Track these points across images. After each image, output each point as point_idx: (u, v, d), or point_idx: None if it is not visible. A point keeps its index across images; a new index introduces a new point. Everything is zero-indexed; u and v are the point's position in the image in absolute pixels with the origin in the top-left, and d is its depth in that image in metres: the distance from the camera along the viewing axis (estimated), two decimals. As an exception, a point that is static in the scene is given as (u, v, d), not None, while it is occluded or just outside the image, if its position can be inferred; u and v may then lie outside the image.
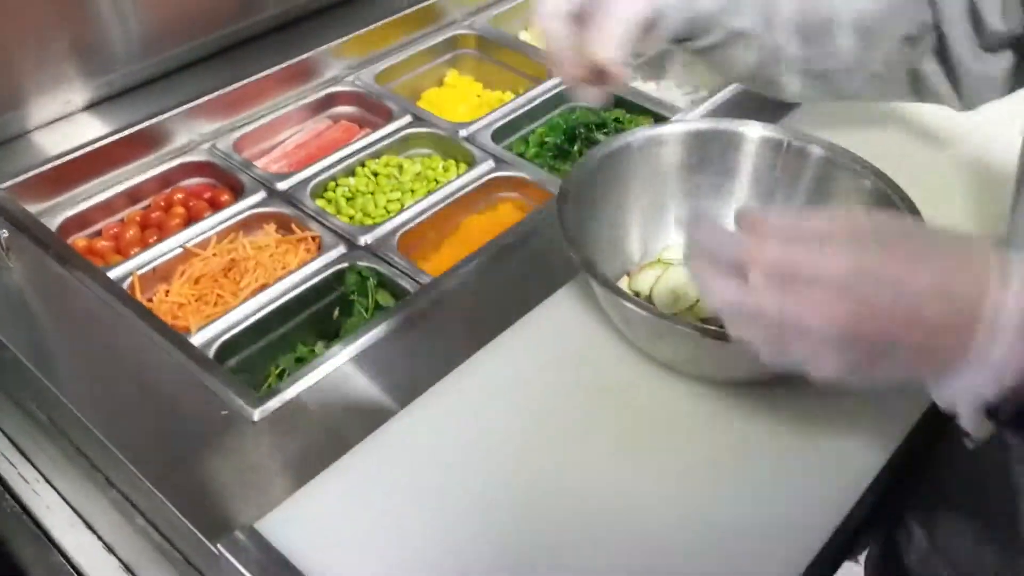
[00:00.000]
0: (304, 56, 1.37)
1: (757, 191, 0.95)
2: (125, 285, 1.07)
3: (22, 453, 1.02)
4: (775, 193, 0.94)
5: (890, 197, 0.84)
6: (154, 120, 1.24)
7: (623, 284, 0.95)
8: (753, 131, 0.94)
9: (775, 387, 0.85)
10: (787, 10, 0.88)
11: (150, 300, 1.09)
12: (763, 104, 1.25)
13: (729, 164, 0.95)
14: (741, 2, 0.87)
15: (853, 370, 0.53)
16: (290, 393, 0.87)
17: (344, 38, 1.41)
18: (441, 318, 0.96)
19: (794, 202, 0.93)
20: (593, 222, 0.92)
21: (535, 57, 1.48)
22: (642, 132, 0.95)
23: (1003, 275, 0.49)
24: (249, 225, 1.18)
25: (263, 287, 1.07)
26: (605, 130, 1.32)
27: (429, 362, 0.90)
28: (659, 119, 1.34)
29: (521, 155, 1.30)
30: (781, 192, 0.94)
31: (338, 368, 0.90)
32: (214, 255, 1.13)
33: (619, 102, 1.39)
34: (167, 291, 1.10)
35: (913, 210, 0.83)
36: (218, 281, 1.11)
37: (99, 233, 1.19)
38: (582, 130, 1.32)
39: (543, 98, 1.38)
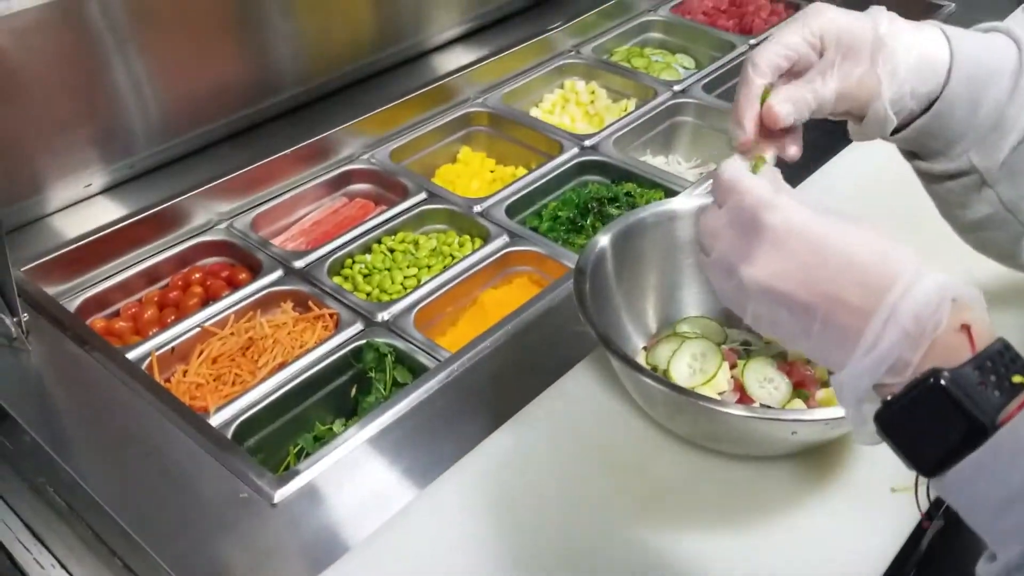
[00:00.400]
0: (320, 136, 1.40)
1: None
2: (144, 365, 1.07)
3: (38, 538, 1.01)
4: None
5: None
6: (172, 201, 1.26)
7: (640, 358, 0.95)
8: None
9: (794, 459, 0.84)
10: None
11: (168, 380, 1.10)
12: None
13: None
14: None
15: (774, 323, 0.58)
16: (309, 475, 0.87)
17: (359, 118, 1.44)
18: (459, 395, 0.96)
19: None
20: (609, 296, 0.92)
21: (546, 132, 1.50)
22: (655, 207, 0.95)
23: (911, 281, 0.52)
24: (267, 303, 1.18)
25: (281, 365, 1.07)
26: (617, 204, 1.34)
27: (448, 441, 0.90)
28: (670, 193, 1.36)
29: (535, 229, 1.32)
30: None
31: (357, 448, 0.90)
32: (232, 334, 1.13)
33: (629, 176, 1.40)
34: (185, 371, 1.10)
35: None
36: (236, 360, 1.11)
37: (117, 313, 1.20)
38: (594, 204, 1.33)
39: (555, 173, 1.40)
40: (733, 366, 0.91)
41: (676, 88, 1.60)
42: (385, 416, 0.93)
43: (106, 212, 1.25)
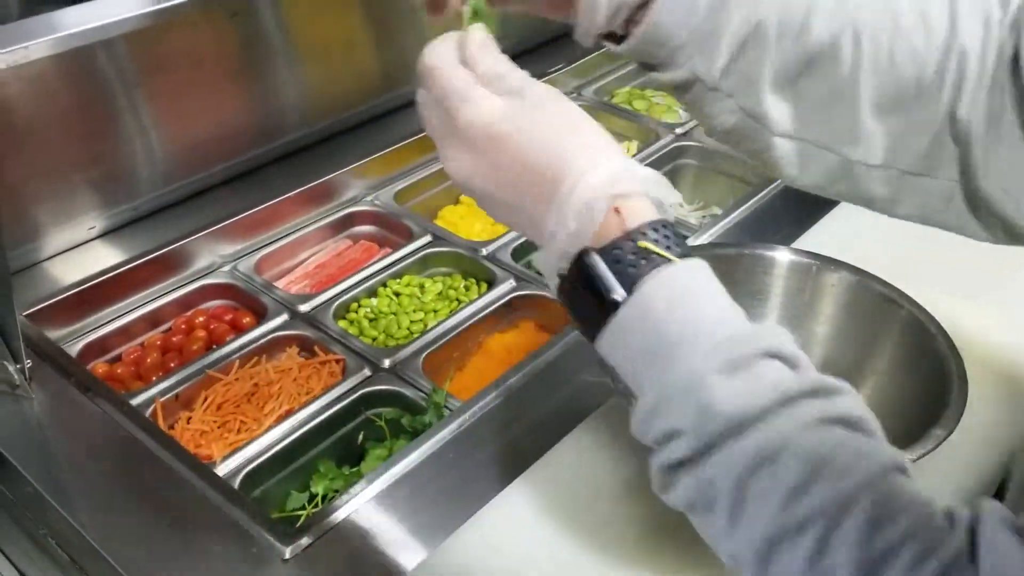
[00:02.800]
0: (324, 178, 1.39)
1: (785, 315, 0.95)
2: (148, 412, 1.06)
3: (38, 591, 0.99)
4: (803, 318, 0.94)
5: (925, 327, 0.84)
6: (175, 244, 1.24)
7: (655, 408, 0.94)
8: (781, 256, 0.94)
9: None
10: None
11: (172, 427, 1.08)
12: (781, 220, 1.26)
13: (756, 288, 0.95)
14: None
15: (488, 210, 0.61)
16: (320, 530, 0.85)
17: (363, 160, 1.43)
18: (471, 448, 0.94)
19: (824, 328, 0.93)
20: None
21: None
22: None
23: (575, 182, 0.55)
24: (272, 348, 1.17)
25: (288, 413, 1.06)
26: (623, 247, 1.33)
27: (460, 497, 0.88)
28: (676, 235, 1.35)
29: (540, 273, 1.31)
30: (810, 317, 0.94)
31: (369, 501, 0.88)
32: (236, 380, 1.12)
33: (635, 219, 1.40)
34: (189, 418, 1.09)
35: (949, 343, 0.82)
36: (241, 407, 1.10)
37: (119, 358, 1.19)
38: (600, 247, 1.33)
39: (560, 216, 1.40)
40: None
41: (678, 131, 1.61)
42: (395, 469, 0.91)
43: (109, 255, 1.24)
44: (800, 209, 1.27)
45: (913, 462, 0.71)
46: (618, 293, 0.52)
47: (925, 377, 0.83)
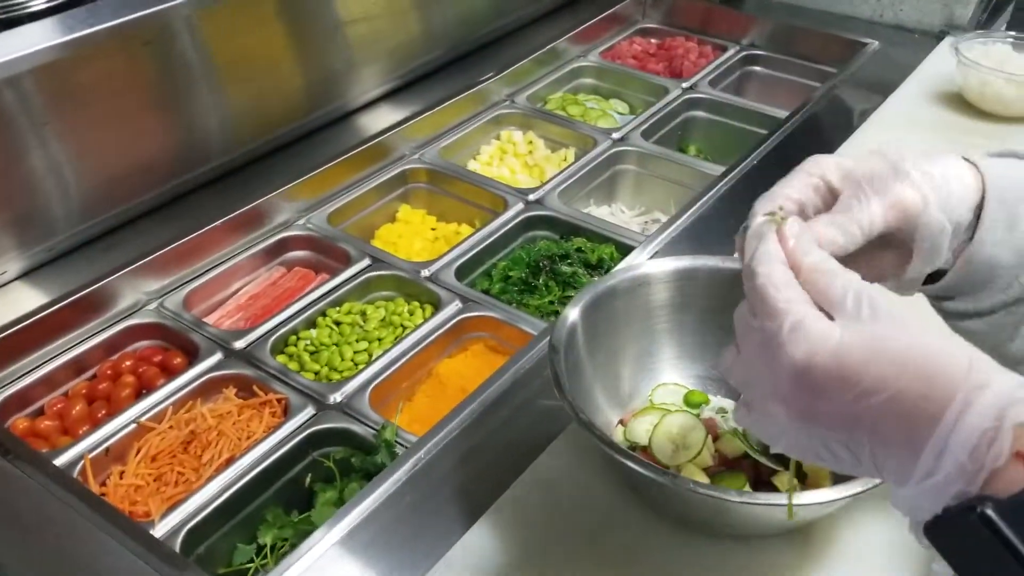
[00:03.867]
0: (252, 204, 1.32)
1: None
2: (76, 471, 0.98)
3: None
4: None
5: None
6: (97, 284, 1.16)
7: (619, 432, 0.91)
8: (737, 265, 0.91)
9: (784, 536, 0.81)
10: None
11: (104, 484, 1.00)
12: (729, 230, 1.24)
13: (715, 300, 0.92)
14: None
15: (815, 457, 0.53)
16: (274, 590, 0.79)
17: (293, 182, 1.36)
18: (431, 486, 0.89)
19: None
20: (582, 370, 0.88)
21: (488, 188, 1.46)
22: (625, 273, 0.91)
23: (961, 410, 0.46)
24: (207, 391, 1.10)
25: (229, 460, 1.00)
26: (569, 261, 1.30)
27: (423, 539, 0.83)
28: (621, 247, 1.32)
29: (486, 292, 1.27)
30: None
31: (325, 553, 0.83)
32: (171, 428, 1.05)
33: (577, 230, 1.37)
34: (122, 472, 1.01)
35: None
36: (177, 457, 1.02)
37: (42, 411, 1.10)
38: (545, 262, 1.29)
39: (502, 231, 1.36)
40: (716, 438, 0.87)
41: (615, 136, 1.58)
42: (351, 517, 0.86)
43: (25, 299, 1.15)
44: (744, 216, 1.24)
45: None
46: None
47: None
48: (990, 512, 0.43)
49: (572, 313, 0.88)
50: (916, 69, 1.67)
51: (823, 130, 1.53)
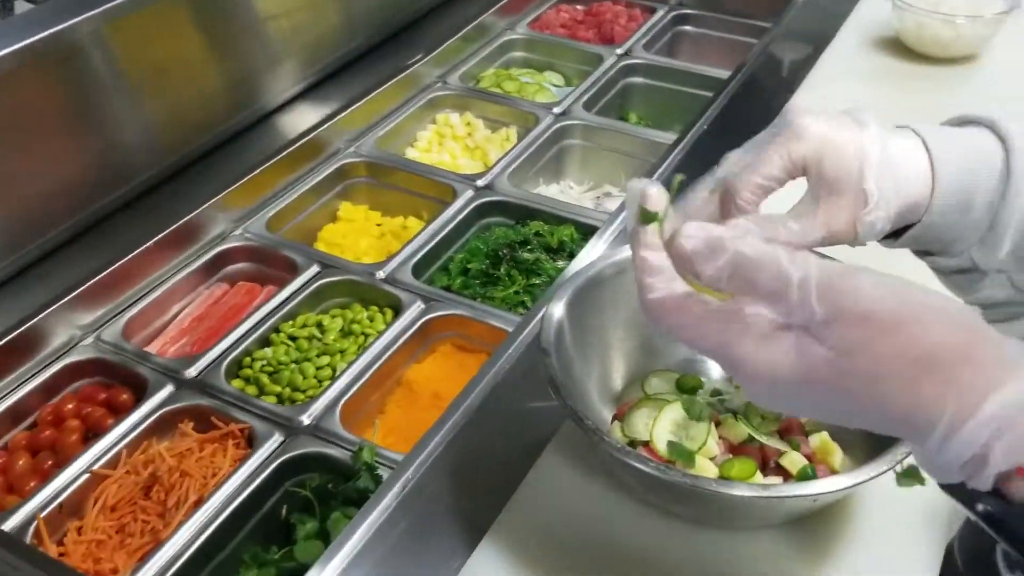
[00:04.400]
0: (183, 219, 1.22)
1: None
2: (28, 534, 0.90)
3: None
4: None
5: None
6: (26, 324, 1.06)
7: (616, 428, 0.86)
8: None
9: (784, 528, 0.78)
10: None
11: (62, 544, 0.92)
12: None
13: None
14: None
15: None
16: (271, 646, 0.73)
17: (224, 191, 1.27)
18: (424, 508, 0.83)
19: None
20: (574, 367, 0.83)
21: (432, 176, 1.39)
22: (607, 260, 0.86)
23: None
24: (162, 428, 1.02)
25: (197, 503, 0.92)
26: (529, 247, 1.24)
27: (425, 565, 0.78)
28: (580, 227, 1.27)
29: (447, 288, 1.20)
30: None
31: (320, 598, 0.76)
32: (128, 473, 0.97)
33: (532, 213, 1.31)
34: (80, 528, 0.93)
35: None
36: (139, 504, 0.95)
37: (-20, 469, 1.01)
38: (505, 251, 1.23)
39: (455, 221, 1.29)
40: (717, 423, 0.84)
41: (556, 111, 1.52)
42: (344, 551, 0.79)
43: (-56, 349, 1.05)
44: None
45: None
46: None
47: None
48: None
49: (557, 309, 0.82)
50: (850, 16, 1.65)
51: (765, 89, 1.49)
